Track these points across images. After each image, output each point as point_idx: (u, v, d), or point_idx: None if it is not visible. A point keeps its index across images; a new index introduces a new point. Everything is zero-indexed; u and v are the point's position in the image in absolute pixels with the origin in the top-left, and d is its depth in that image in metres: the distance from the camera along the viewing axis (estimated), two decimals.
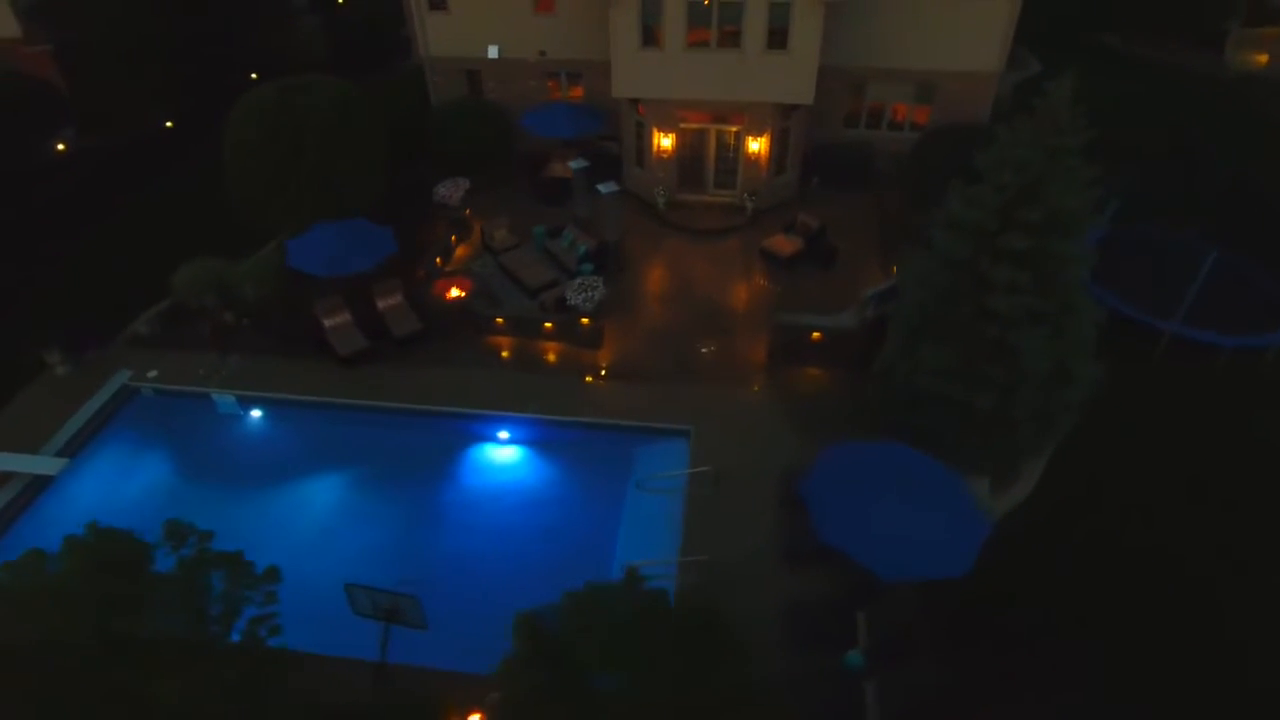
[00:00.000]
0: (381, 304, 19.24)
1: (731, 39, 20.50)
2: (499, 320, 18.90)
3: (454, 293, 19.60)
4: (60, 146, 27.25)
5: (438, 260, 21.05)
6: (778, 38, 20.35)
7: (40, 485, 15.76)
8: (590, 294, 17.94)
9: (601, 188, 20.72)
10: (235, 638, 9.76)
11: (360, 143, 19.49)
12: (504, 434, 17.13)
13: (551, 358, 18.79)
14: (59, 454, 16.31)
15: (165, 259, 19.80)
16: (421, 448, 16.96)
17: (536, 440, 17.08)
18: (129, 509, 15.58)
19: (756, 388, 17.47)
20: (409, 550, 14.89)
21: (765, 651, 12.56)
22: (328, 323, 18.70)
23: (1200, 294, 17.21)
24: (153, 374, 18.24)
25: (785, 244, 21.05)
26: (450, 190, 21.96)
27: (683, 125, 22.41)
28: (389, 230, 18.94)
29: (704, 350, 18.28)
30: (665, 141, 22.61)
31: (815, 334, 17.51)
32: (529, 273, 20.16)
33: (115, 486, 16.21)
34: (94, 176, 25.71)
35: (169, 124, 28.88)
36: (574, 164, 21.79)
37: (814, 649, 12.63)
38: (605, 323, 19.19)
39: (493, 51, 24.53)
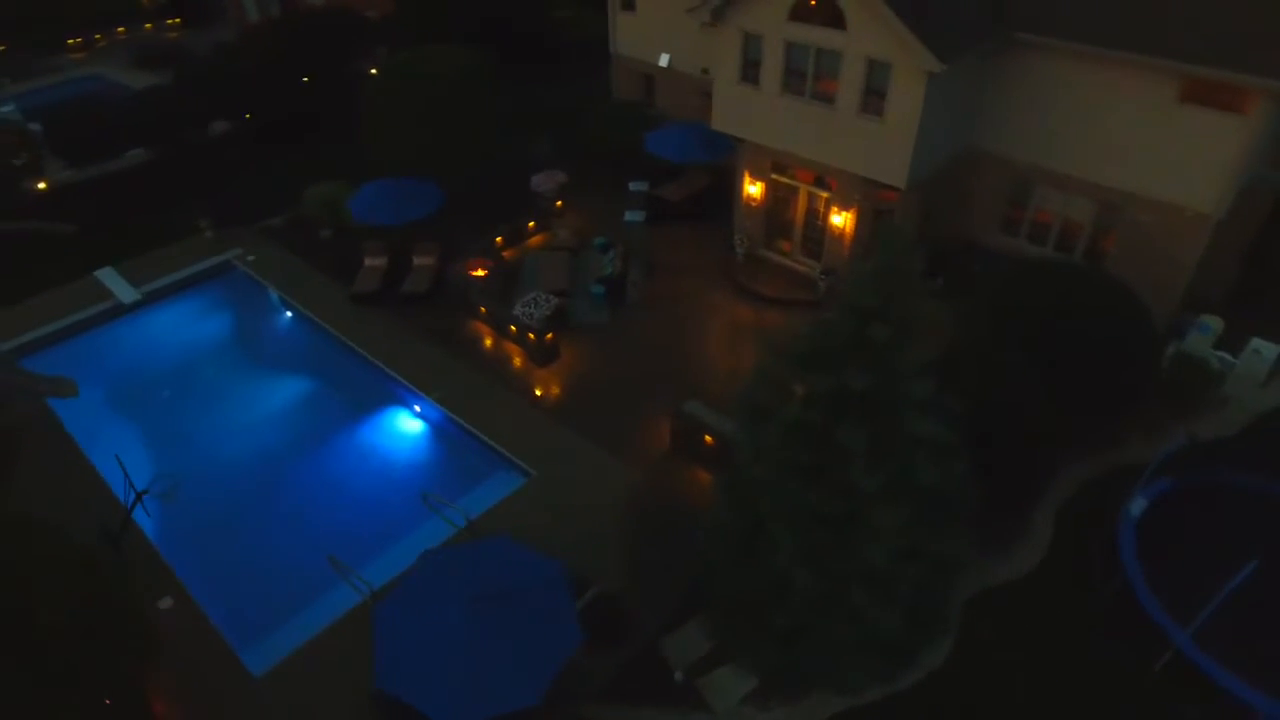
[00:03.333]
0: (416, 260, 21.07)
1: (827, 92, 17.80)
2: (483, 309, 19.49)
3: (477, 272, 20.58)
4: (373, 71, 33.63)
5: (498, 240, 22.14)
6: (874, 102, 17.15)
7: (118, 311, 20.73)
8: (531, 309, 17.57)
9: (628, 215, 19.68)
10: None
11: (450, 114, 21.17)
12: (395, 404, 18.16)
13: (517, 361, 18.88)
14: (150, 293, 21.17)
15: (332, 173, 23.92)
16: (339, 382, 18.84)
17: (416, 420, 17.83)
18: (155, 348, 19.93)
19: (634, 468, 15.75)
20: (243, 452, 16.97)
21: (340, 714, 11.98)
22: (366, 261, 21.12)
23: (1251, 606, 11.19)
24: (250, 258, 22.50)
25: None
26: (543, 180, 22.69)
27: (773, 176, 20.15)
28: (437, 197, 20.56)
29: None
30: (753, 189, 20.55)
31: (707, 436, 15.10)
32: (547, 275, 20.27)
33: (165, 329, 20.62)
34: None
35: None
36: (633, 185, 20.94)
37: None
38: (569, 347, 18.68)
39: (663, 60, 24.35)
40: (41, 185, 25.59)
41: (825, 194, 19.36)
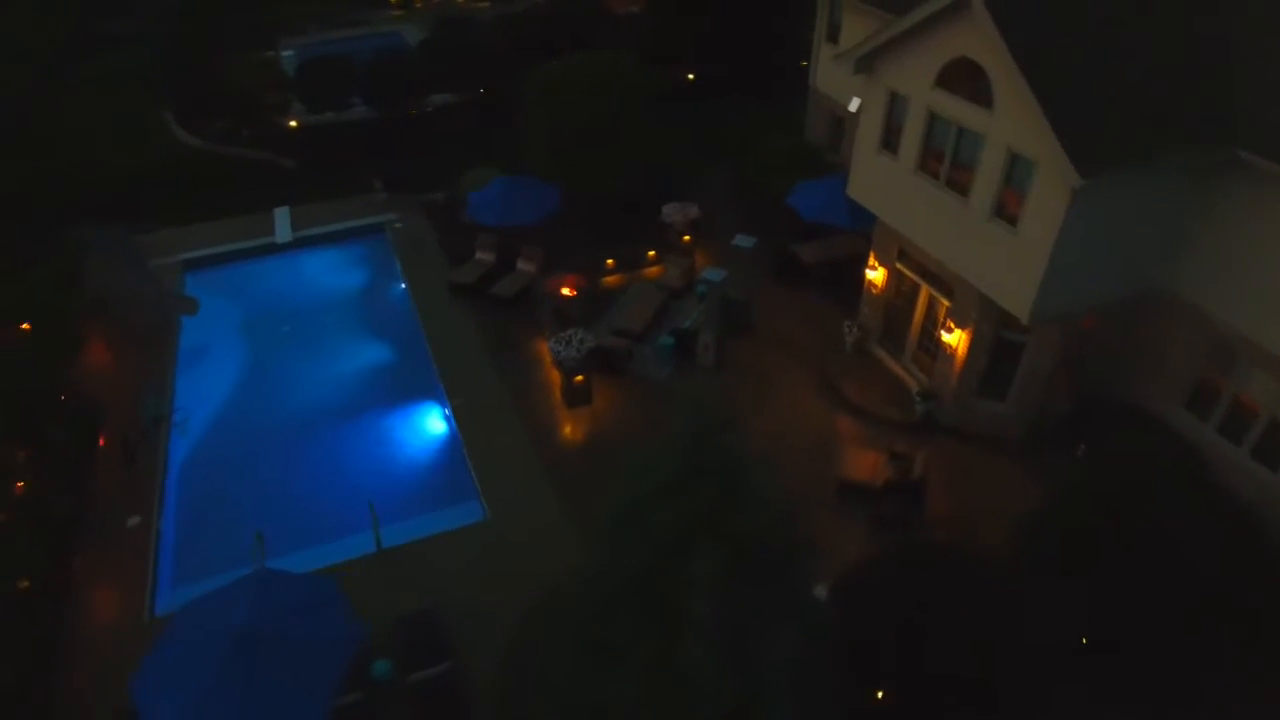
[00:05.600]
0: (519, 264, 20.79)
1: (963, 182, 14.30)
2: (545, 330, 18.68)
3: (563, 290, 19.77)
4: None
5: (609, 262, 21.09)
6: (1010, 205, 13.41)
7: (270, 248, 22.93)
8: (562, 347, 16.29)
9: (707, 272, 17.29)
10: None
11: (584, 126, 20.41)
12: (428, 400, 18.09)
13: (556, 394, 17.85)
14: (301, 238, 23.18)
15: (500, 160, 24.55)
16: (397, 364, 19.37)
17: (439, 423, 17.65)
18: (282, 289, 21.89)
19: (588, 549, 14.07)
20: (283, 403, 18.04)
21: None
22: (477, 254, 21.28)
23: None
24: (399, 225, 23.79)
25: (860, 469, 14.85)
26: (674, 210, 21.07)
27: (898, 265, 16.77)
28: (550, 207, 20.10)
29: None
30: (874, 274, 17.31)
31: None
32: (633, 312, 18.90)
33: (300, 273, 22.52)
34: None
35: (690, 76, 32.92)
36: (739, 239, 18.42)
37: None
38: (608, 395, 17.27)
39: (854, 104, 21.38)
40: (293, 124, 29.33)
41: (947, 303, 15.76)
